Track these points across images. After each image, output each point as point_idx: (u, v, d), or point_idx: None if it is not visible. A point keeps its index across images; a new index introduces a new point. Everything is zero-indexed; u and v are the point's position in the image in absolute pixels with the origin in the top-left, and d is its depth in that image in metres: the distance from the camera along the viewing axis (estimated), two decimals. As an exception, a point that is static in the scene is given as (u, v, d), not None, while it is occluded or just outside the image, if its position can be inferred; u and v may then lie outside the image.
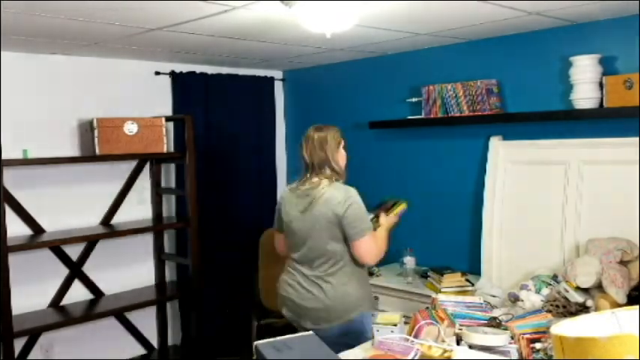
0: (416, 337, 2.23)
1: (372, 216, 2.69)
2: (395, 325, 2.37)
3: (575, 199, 3.03)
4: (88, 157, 3.62)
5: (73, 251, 3.70)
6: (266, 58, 4.00)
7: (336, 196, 2.51)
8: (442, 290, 3.19)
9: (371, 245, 2.54)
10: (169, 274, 4.18)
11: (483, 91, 3.35)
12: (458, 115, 3.47)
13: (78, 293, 3.73)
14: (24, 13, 2.49)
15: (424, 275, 3.50)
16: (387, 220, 2.74)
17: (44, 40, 3.08)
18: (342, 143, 2.66)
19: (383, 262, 3.86)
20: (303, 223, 2.58)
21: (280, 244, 2.86)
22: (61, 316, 3.48)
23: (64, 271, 3.68)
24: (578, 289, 2.68)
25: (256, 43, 3.36)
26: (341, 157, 2.65)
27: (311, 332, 2.13)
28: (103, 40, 3.17)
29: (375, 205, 2.85)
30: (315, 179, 2.58)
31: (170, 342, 4.18)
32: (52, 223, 3.58)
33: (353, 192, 2.56)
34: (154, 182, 4.05)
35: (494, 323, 2.36)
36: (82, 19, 2.65)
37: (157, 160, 4.02)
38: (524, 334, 2.18)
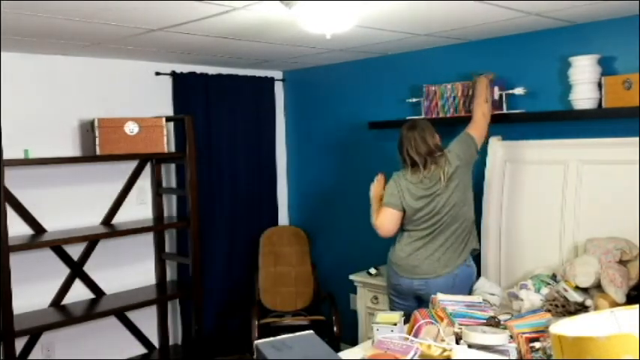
0: (415, 336, 2.24)
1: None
2: (395, 324, 2.38)
3: (574, 199, 3.04)
4: (88, 157, 3.63)
5: (74, 251, 3.70)
6: (266, 58, 4.00)
7: None
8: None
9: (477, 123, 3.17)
10: (170, 273, 4.18)
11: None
12: (458, 115, 3.47)
13: (79, 293, 3.73)
14: (24, 13, 2.50)
15: (424, 275, 3.49)
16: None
17: (44, 40, 3.09)
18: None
19: (382, 262, 3.88)
20: None
21: None
22: (62, 315, 3.48)
23: (65, 271, 3.69)
24: (577, 288, 2.69)
25: (256, 43, 3.37)
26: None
27: (311, 332, 2.13)
28: (103, 41, 3.17)
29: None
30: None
31: (171, 341, 4.19)
32: (53, 223, 3.59)
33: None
34: (155, 182, 4.06)
35: (494, 322, 2.37)
36: (83, 20, 2.65)
37: (157, 160, 4.03)
38: (523, 333, 2.19)
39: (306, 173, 4.72)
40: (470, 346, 2.17)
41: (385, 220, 3.02)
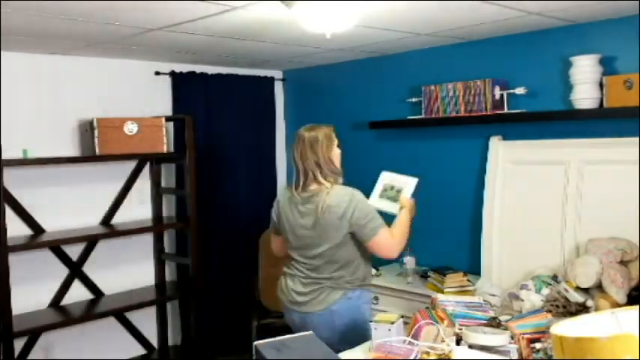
0: (415, 337, 2.23)
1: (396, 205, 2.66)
2: (392, 323, 2.36)
3: (575, 199, 3.03)
4: (88, 157, 3.62)
5: (73, 251, 3.70)
6: (266, 58, 4.00)
7: (340, 202, 2.44)
8: (445, 290, 3.19)
9: (388, 240, 2.47)
10: (169, 274, 4.18)
11: (481, 91, 3.34)
12: (458, 115, 3.47)
13: (78, 293, 3.73)
14: (24, 13, 2.49)
15: (424, 275, 3.50)
16: (409, 202, 2.62)
17: (44, 40, 3.08)
18: (336, 142, 2.57)
19: (382, 262, 3.88)
20: (310, 232, 2.50)
21: (278, 245, 2.80)
22: (61, 316, 3.48)
23: (64, 271, 3.68)
24: (578, 289, 2.68)
25: (256, 43, 3.37)
26: (335, 157, 2.56)
27: (311, 332, 2.13)
28: (103, 41, 3.17)
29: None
30: (315, 186, 2.51)
31: (170, 342, 4.18)
32: (52, 223, 3.58)
33: (356, 192, 2.50)
34: (154, 182, 4.05)
35: (494, 323, 2.36)
36: (82, 19, 2.65)
37: (157, 160, 4.02)
38: (524, 334, 2.18)
39: (306, 173, 4.71)
40: (470, 346, 2.17)
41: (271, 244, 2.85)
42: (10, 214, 3.35)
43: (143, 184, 4.03)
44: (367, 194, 3.20)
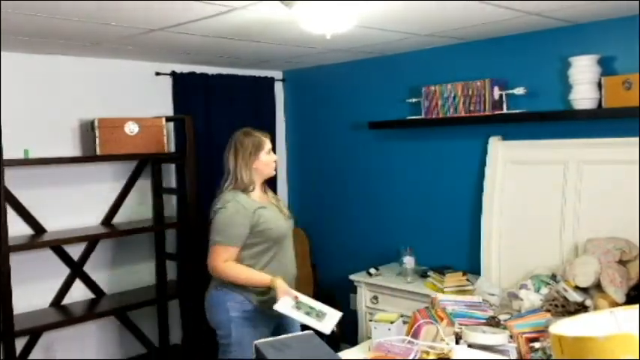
0: (415, 336, 2.24)
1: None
2: (392, 322, 2.37)
3: (574, 199, 3.04)
4: (88, 157, 3.62)
5: (74, 251, 3.70)
6: (266, 58, 4.00)
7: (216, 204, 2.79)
8: (445, 290, 3.20)
9: (210, 257, 2.78)
10: (170, 273, 4.18)
11: (481, 91, 3.35)
12: (457, 115, 3.47)
13: (79, 293, 3.73)
14: (24, 13, 2.50)
15: (424, 275, 3.50)
16: (279, 285, 2.62)
17: (44, 40, 3.09)
18: (264, 149, 2.84)
19: (382, 262, 3.89)
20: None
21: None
22: (62, 315, 3.49)
23: (65, 271, 3.69)
24: (577, 288, 2.69)
25: (256, 43, 3.37)
26: (259, 164, 2.83)
27: (311, 332, 2.14)
28: (103, 41, 3.17)
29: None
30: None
31: (171, 341, 4.19)
32: (53, 223, 3.59)
33: (229, 203, 2.75)
34: (155, 182, 4.06)
35: (494, 322, 2.37)
36: (83, 20, 2.66)
37: (157, 160, 4.02)
38: (523, 333, 2.19)
39: (306, 173, 4.72)
40: (470, 345, 2.18)
41: None
42: (11, 213, 3.36)
43: (144, 184, 4.03)
44: (366, 194, 3.20)
